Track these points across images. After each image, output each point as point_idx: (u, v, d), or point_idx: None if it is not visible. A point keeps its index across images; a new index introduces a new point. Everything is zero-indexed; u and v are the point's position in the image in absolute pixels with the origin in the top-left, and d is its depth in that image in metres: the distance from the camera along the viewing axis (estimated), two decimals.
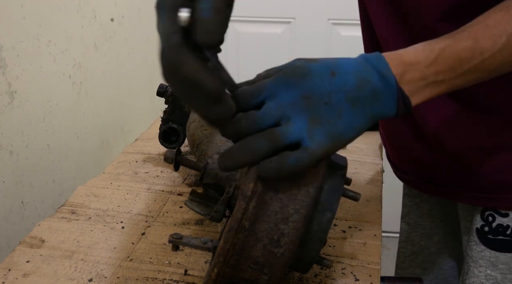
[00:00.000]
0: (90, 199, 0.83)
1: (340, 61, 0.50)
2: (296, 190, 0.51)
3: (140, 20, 1.59)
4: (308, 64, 0.49)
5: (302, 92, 0.48)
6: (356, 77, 0.49)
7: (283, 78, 0.48)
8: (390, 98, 0.50)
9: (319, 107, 0.48)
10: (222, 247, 0.51)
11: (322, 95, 0.48)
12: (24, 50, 1.00)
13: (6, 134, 0.96)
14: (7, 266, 0.67)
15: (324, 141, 0.48)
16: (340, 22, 1.91)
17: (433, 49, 0.52)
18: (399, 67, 0.51)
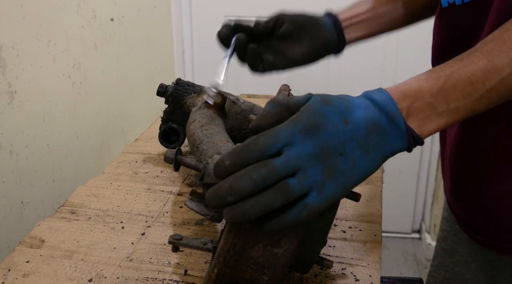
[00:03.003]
0: (90, 199, 0.83)
1: (351, 106, 0.49)
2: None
3: (140, 20, 1.59)
4: (322, 108, 0.48)
5: (319, 143, 0.47)
6: (366, 123, 0.48)
7: (300, 127, 0.47)
8: (400, 138, 0.50)
9: (334, 159, 0.47)
10: (222, 247, 0.51)
11: (337, 145, 0.47)
12: (24, 50, 1.00)
13: (6, 134, 0.96)
14: (7, 266, 0.67)
15: (333, 194, 0.47)
16: None
17: (438, 77, 0.50)
18: (405, 100, 0.50)
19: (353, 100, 0.50)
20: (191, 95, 0.90)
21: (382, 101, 0.49)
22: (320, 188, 0.46)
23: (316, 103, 0.48)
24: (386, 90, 0.51)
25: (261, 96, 1.37)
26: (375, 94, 0.50)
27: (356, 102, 0.50)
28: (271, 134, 0.47)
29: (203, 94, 0.89)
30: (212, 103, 0.81)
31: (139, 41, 1.59)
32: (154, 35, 1.74)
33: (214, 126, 0.75)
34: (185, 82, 0.92)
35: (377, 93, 0.50)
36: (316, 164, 0.46)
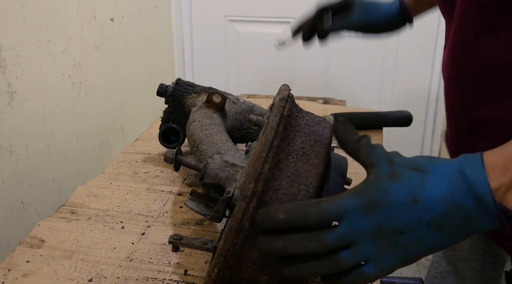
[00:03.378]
0: (90, 199, 0.83)
1: (427, 181, 0.45)
2: (296, 190, 0.51)
3: (140, 20, 1.59)
4: (388, 185, 0.46)
5: (377, 222, 0.45)
6: (444, 204, 0.44)
7: (360, 202, 0.46)
8: (490, 219, 0.44)
9: (393, 236, 0.45)
10: (222, 247, 0.51)
11: (398, 225, 0.45)
12: (24, 50, 1.00)
13: (6, 134, 0.96)
14: (7, 266, 0.67)
15: (392, 265, 0.46)
16: None
17: None
18: (506, 174, 0.44)
19: (434, 172, 0.46)
20: (191, 95, 0.90)
21: (472, 178, 0.44)
22: (377, 260, 0.46)
23: (383, 178, 0.46)
24: (485, 158, 0.45)
25: (261, 96, 1.37)
26: (467, 166, 0.45)
27: (437, 174, 0.46)
28: (332, 203, 0.46)
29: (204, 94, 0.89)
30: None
31: (139, 41, 1.59)
32: (154, 35, 1.75)
33: (214, 126, 0.75)
34: (185, 82, 0.92)
35: (471, 164, 0.45)
36: (371, 240, 0.46)
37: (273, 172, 0.51)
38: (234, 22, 1.98)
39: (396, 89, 1.94)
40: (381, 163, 0.47)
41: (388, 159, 0.47)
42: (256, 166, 0.50)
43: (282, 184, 0.51)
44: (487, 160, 0.45)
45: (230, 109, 0.86)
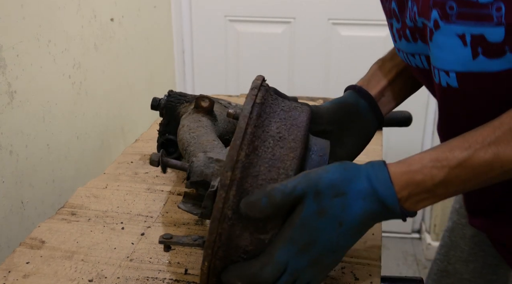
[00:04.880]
0: (90, 200, 0.83)
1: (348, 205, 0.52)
2: (275, 175, 0.52)
3: (140, 20, 1.59)
4: (317, 223, 0.51)
5: (313, 256, 0.52)
6: (362, 218, 0.52)
7: (296, 248, 0.51)
8: (392, 217, 0.54)
9: (326, 258, 0.53)
10: (208, 239, 0.51)
11: (330, 249, 0.53)
12: (24, 50, 1.00)
13: (6, 134, 0.96)
14: (7, 268, 0.67)
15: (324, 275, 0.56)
16: (340, 22, 1.91)
17: (442, 166, 0.51)
18: (407, 189, 0.52)
19: (350, 192, 0.52)
20: (184, 104, 0.90)
21: (383, 194, 0.52)
22: (313, 281, 0.55)
23: (312, 217, 0.51)
24: (391, 173, 0.52)
25: None
26: (377, 183, 0.52)
27: (353, 194, 0.52)
28: (272, 264, 0.51)
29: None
30: None
31: (139, 41, 1.59)
32: (154, 35, 1.74)
33: (201, 128, 0.75)
34: (176, 93, 0.92)
35: (380, 179, 0.52)
36: (309, 270, 0.53)
37: (251, 159, 0.51)
38: (234, 22, 1.98)
39: None
40: (307, 200, 0.51)
41: (314, 192, 0.51)
42: (232, 154, 0.50)
43: (261, 170, 0.51)
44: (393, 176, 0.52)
45: (221, 113, 0.85)
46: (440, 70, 0.55)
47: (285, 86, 1.95)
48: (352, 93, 0.76)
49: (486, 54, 0.51)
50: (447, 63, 0.54)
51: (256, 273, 0.52)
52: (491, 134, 0.50)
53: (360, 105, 0.74)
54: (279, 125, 0.55)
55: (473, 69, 0.53)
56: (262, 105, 0.55)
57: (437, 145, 0.54)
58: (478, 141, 0.51)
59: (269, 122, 0.54)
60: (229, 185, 0.50)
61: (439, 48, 0.54)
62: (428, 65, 0.62)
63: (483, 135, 0.51)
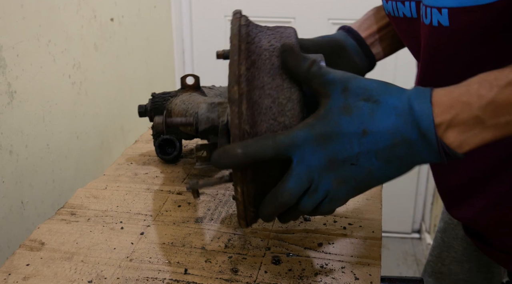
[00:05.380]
0: (89, 201, 0.83)
1: (378, 113, 0.47)
2: (280, 80, 0.51)
3: (140, 20, 1.59)
4: (339, 118, 0.47)
5: (328, 155, 0.47)
6: (391, 136, 0.46)
7: (313, 136, 0.47)
8: (431, 153, 0.46)
9: (344, 169, 0.48)
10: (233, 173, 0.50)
11: (348, 157, 0.47)
12: (24, 50, 1.00)
13: (6, 134, 0.96)
14: (7, 270, 0.67)
15: (345, 197, 0.50)
16: (340, 22, 1.90)
17: (491, 87, 0.45)
18: (449, 112, 0.45)
19: (384, 103, 0.47)
20: (169, 100, 0.89)
21: (419, 113, 0.46)
22: (332, 195, 0.49)
23: (335, 111, 0.48)
24: (434, 94, 0.46)
25: None
26: (416, 101, 0.46)
27: (388, 105, 0.47)
28: (286, 136, 0.47)
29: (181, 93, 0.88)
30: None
31: (139, 41, 1.59)
32: (154, 35, 1.74)
33: (194, 98, 0.75)
34: (159, 94, 0.91)
35: (420, 99, 0.46)
36: (325, 175, 0.48)
37: (252, 72, 0.51)
38: None
39: None
40: (334, 93, 0.48)
41: (343, 87, 0.48)
42: (233, 69, 0.50)
43: (265, 80, 0.51)
44: (435, 97, 0.46)
45: (209, 92, 0.86)
46: (432, 8, 0.55)
47: None
48: (341, 32, 0.77)
49: None
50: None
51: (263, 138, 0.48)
52: None
53: (348, 42, 0.75)
54: (269, 39, 0.54)
55: (466, 3, 0.51)
56: (248, 27, 0.55)
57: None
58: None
59: (259, 39, 0.54)
60: (239, 99, 0.49)
61: None
62: (416, 13, 0.62)
63: None
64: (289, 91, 0.51)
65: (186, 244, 0.71)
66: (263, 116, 0.50)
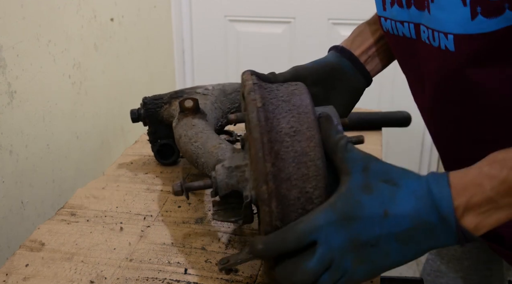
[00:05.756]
0: (89, 201, 0.83)
1: (398, 194, 0.47)
2: (305, 169, 0.51)
3: (140, 20, 1.59)
4: (361, 197, 0.47)
5: (351, 235, 0.47)
6: (411, 219, 0.47)
7: (335, 217, 0.48)
8: (449, 236, 0.47)
9: (365, 250, 0.48)
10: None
11: (369, 238, 0.47)
12: (24, 50, 1.00)
13: (6, 134, 0.96)
14: (7, 271, 0.67)
15: (362, 277, 0.49)
16: (340, 22, 1.91)
17: (501, 168, 0.46)
18: (464, 195, 0.46)
19: (404, 186, 0.48)
20: (163, 107, 0.88)
21: (438, 196, 0.46)
22: (350, 274, 0.48)
23: (356, 190, 0.48)
24: (450, 178, 0.47)
25: None
26: (434, 184, 0.47)
27: (408, 188, 0.47)
28: (308, 223, 0.48)
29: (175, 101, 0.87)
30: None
31: (139, 41, 1.59)
32: (154, 35, 1.74)
33: (201, 134, 0.74)
34: (151, 98, 0.90)
35: (439, 183, 0.47)
36: (346, 255, 0.48)
37: (277, 165, 0.51)
38: (234, 22, 1.98)
39: (396, 89, 1.94)
40: (355, 171, 0.49)
41: (363, 166, 0.49)
42: (259, 168, 0.51)
43: (290, 171, 0.51)
44: (452, 180, 0.47)
45: (205, 104, 0.84)
46: (440, 33, 0.56)
47: None
48: (333, 53, 0.76)
49: (484, 13, 0.51)
50: (446, 24, 0.55)
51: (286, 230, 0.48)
52: None
53: (342, 64, 0.74)
54: (288, 119, 0.54)
55: (470, 31, 0.53)
56: (264, 106, 0.54)
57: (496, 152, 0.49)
58: None
59: (278, 121, 0.54)
60: (268, 198, 0.50)
61: (441, 8, 0.55)
62: (415, 35, 0.63)
63: None
64: (315, 179, 0.51)
65: (186, 245, 0.71)
66: (291, 207, 0.51)
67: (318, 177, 0.51)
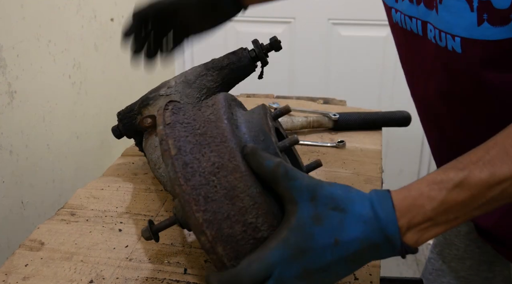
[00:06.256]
0: (89, 201, 0.83)
1: (347, 222, 0.49)
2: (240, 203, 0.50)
3: None
4: (312, 229, 0.49)
5: (303, 266, 0.49)
6: (360, 243, 0.49)
7: (288, 252, 0.49)
8: (393, 252, 0.50)
9: (316, 276, 0.50)
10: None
11: (322, 266, 0.49)
12: (24, 50, 1.00)
13: (6, 134, 0.96)
14: (6, 270, 0.67)
15: None
16: (340, 22, 1.91)
17: (440, 189, 0.49)
18: (406, 216, 0.49)
19: (351, 211, 0.49)
20: (137, 118, 0.86)
21: (385, 220, 0.49)
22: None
23: (307, 222, 0.49)
24: (393, 199, 0.50)
25: (261, 95, 1.37)
26: (379, 207, 0.49)
27: (355, 214, 0.49)
28: (261, 262, 0.48)
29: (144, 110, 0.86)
30: None
31: None
32: None
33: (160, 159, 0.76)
34: (124, 111, 0.88)
35: (383, 205, 0.50)
36: (298, 282, 0.49)
37: (210, 209, 0.50)
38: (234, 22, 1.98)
39: (396, 89, 1.94)
40: (302, 201, 0.49)
41: (311, 196, 0.49)
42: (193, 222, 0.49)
43: (226, 209, 0.50)
44: (396, 202, 0.50)
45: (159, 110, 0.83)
46: (447, 34, 0.57)
47: (285, 86, 1.96)
48: None
49: (490, 21, 0.52)
50: (453, 27, 0.55)
51: (240, 271, 0.49)
52: (485, 154, 0.50)
53: None
54: (208, 156, 0.51)
55: (477, 36, 0.54)
56: (181, 151, 0.51)
57: (434, 171, 0.53)
58: (473, 161, 0.50)
59: (199, 162, 0.51)
60: (212, 246, 0.49)
61: (448, 11, 0.55)
62: (422, 32, 0.63)
63: (477, 156, 0.50)
64: (253, 209, 0.50)
65: (186, 244, 0.71)
66: (241, 241, 0.50)
67: (256, 205, 0.50)
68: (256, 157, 0.50)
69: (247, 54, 0.83)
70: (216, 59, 0.83)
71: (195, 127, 0.53)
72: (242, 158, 0.51)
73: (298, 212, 0.49)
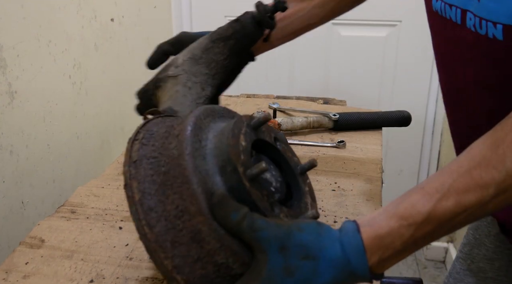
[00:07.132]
0: (89, 199, 0.83)
1: (319, 269, 0.49)
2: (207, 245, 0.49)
3: (140, 20, 1.59)
4: (284, 281, 0.48)
5: None
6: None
7: None
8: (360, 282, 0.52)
9: None
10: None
11: None
12: (24, 50, 1.00)
13: (6, 134, 0.96)
14: (7, 268, 0.67)
15: None
16: (340, 22, 1.91)
17: (409, 224, 0.50)
18: (377, 253, 0.51)
19: (323, 258, 0.49)
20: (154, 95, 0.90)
21: (355, 263, 0.50)
22: None
23: (277, 274, 0.48)
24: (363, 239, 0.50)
25: (261, 96, 1.37)
26: (349, 250, 0.50)
27: (326, 260, 0.49)
28: None
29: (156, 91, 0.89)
30: None
31: (139, 41, 1.60)
32: (154, 35, 1.75)
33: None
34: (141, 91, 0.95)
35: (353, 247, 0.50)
36: None
37: (179, 254, 0.49)
38: None
39: (396, 89, 1.94)
40: (272, 252, 0.49)
41: (280, 246, 0.49)
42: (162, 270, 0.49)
43: (195, 252, 0.49)
44: (366, 241, 0.50)
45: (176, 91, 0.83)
46: (488, 21, 0.57)
47: (285, 86, 1.96)
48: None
49: None
50: (496, 14, 0.56)
51: None
52: (448, 179, 0.50)
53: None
54: (172, 199, 0.50)
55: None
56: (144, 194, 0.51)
57: (399, 198, 0.53)
58: (438, 190, 0.50)
59: (163, 206, 0.50)
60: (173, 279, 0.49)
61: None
62: (461, 21, 0.64)
63: (440, 181, 0.50)
64: (221, 250, 0.49)
65: None
66: (217, 279, 0.50)
67: (223, 247, 0.49)
68: (221, 209, 0.49)
69: (251, 19, 0.81)
70: (220, 29, 0.81)
71: (160, 164, 0.52)
72: (205, 200, 0.49)
73: (268, 264, 0.49)
